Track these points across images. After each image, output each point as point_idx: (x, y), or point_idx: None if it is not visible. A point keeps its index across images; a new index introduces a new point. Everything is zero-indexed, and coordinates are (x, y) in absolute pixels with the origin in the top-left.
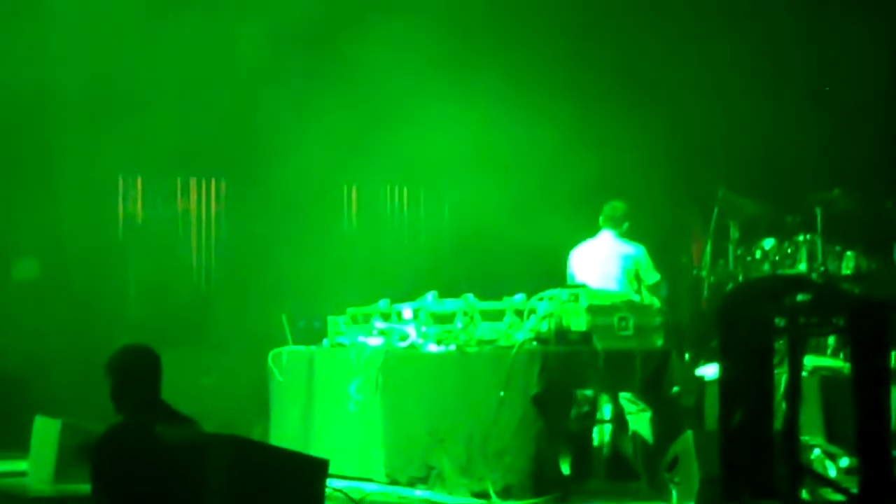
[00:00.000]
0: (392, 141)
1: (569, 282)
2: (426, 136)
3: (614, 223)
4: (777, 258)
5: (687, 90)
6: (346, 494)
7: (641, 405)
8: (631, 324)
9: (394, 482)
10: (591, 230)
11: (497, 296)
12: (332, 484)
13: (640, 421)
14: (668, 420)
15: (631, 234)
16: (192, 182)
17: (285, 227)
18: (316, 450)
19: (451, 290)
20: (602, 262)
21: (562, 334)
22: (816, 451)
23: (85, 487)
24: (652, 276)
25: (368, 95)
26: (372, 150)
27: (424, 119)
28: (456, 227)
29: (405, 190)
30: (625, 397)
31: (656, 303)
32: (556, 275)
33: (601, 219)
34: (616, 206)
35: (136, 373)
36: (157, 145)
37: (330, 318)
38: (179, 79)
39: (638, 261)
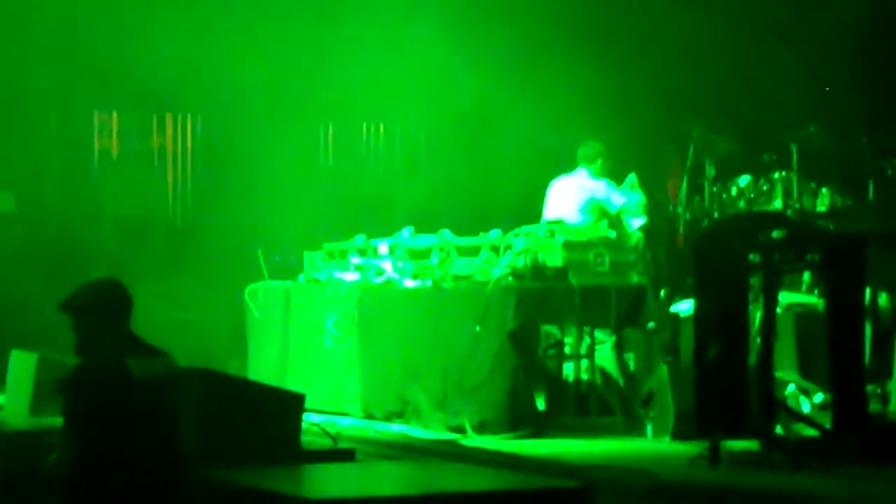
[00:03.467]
0: (369, 78)
1: (543, 214)
2: (403, 74)
3: (588, 161)
4: (752, 195)
5: (662, 28)
6: (322, 429)
7: (611, 338)
8: (607, 260)
9: (370, 417)
10: (570, 166)
11: (473, 231)
12: (308, 418)
13: (610, 355)
14: (643, 356)
15: (606, 172)
16: (168, 118)
17: (261, 163)
18: (292, 384)
19: (428, 225)
20: (569, 198)
21: (538, 270)
22: (790, 387)
23: (61, 421)
24: (613, 208)
25: (345, 34)
26: (348, 87)
27: (402, 56)
28: (432, 164)
29: (381, 126)
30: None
31: (634, 237)
32: (533, 210)
33: (577, 156)
34: (590, 145)
35: (104, 308)
36: (132, 81)
37: (306, 254)
38: (156, 13)
39: (599, 196)
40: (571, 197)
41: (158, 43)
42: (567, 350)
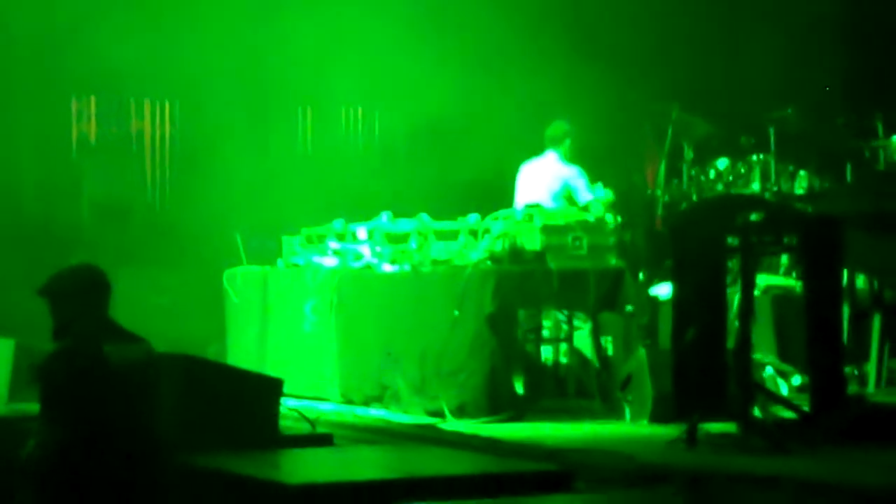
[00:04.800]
0: (347, 62)
1: (515, 198)
2: (381, 57)
3: (555, 142)
4: (731, 178)
5: (641, 10)
6: (300, 413)
7: (587, 323)
8: (585, 243)
9: (349, 401)
10: (541, 148)
11: (451, 216)
12: (286, 403)
13: (587, 339)
14: (621, 339)
15: (574, 153)
16: (146, 103)
17: (239, 147)
18: (271, 369)
19: (406, 210)
20: (541, 183)
21: (516, 254)
22: (769, 370)
23: (38, 407)
24: (584, 198)
25: (323, 18)
26: (326, 71)
27: (380, 41)
28: (411, 148)
29: (360, 110)
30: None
31: (610, 221)
32: (508, 192)
33: (545, 138)
34: (556, 126)
35: (82, 293)
36: (110, 65)
37: (284, 238)
38: None
39: (571, 183)
40: (543, 183)
41: (136, 27)
42: (545, 333)
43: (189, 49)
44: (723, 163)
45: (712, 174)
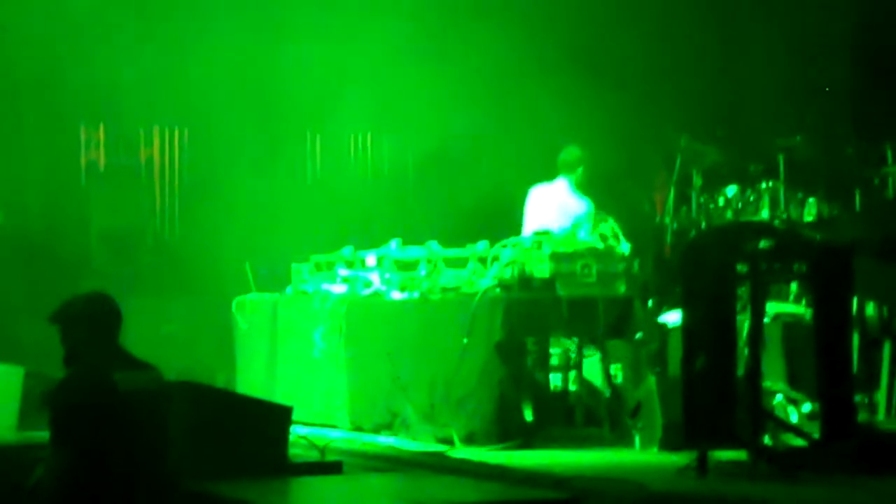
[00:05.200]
0: (356, 89)
1: (523, 223)
2: (389, 84)
3: (568, 168)
4: (740, 205)
5: (650, 37)
6: (310, 441)
7: (597, 352)
8: (594, 270)
9: (358, 429)
10: (552, 174)
11: (461, 243)
12: (295, 431)
13: (596, 367)
14: (631, 367)
15: (586, 180)
16: (155, 130)
17: (248, 175)
18: (280, 397)
19: (415, 237)
20: (552, 213)
21: (525, 281)
22: (778, 397)
23: (48, 435)
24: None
25: (332, 46)
26: (335, 98)
27: (389, 66)
28: (420, 175)
29: (369, 137)
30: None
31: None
32: (517, 219)
33: (558, 163)
34: (570, 151)
35: (91, 321)
36: (119, 93)
37: (293, 266)
38: (142, 26)
39: (579, 219)
40: (552, 211)
41: (145, 56)
42: (554, 361)
43: (198, 77)
44: (732, 190)
45: (721, 202)
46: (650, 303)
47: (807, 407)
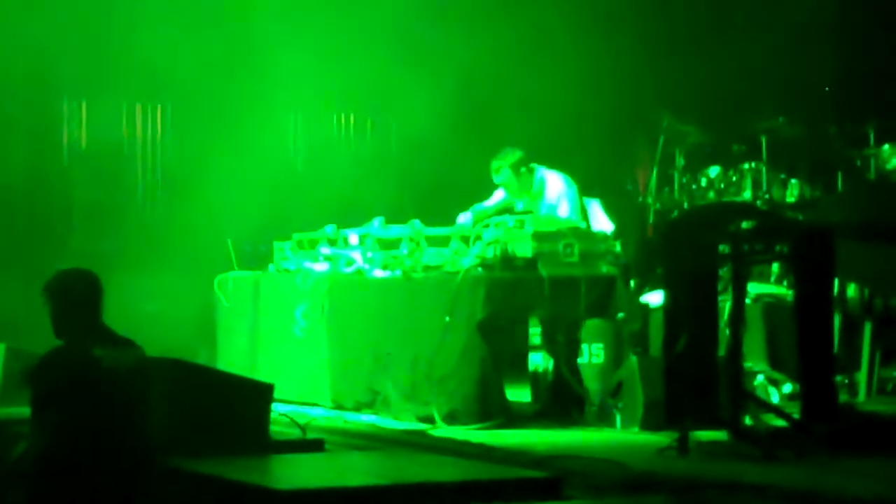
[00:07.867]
0: (339, 68)
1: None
2: (372, 63)
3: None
4: (722, 186)
5: (632, 17)
6: (291, 419)
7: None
8: (576, 250)
9: (339, 407)
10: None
11: (443, 221)
12: (277, 408)
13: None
14: (612, 347)
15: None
16: (138, 107)
17: (231, 153)
18: (262, 375)
19: (398, 215)
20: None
21: (507, 260)
22: (759, 378)
23: (29, 411)
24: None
25: (315, 24)
26: (318, 77)
27: (372, 46)
28: (403, 154)
29: (352, 117)
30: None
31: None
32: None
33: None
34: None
35: (76, 297)
36: (102, 70)
37: (276, 243)
38: (124, 2)
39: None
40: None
41: (129, 32)
42: (536, 340)
43: (180, 55)
44: (714, 171)
45: (704, 182)
46: (632, 283)
47: (787, 388)
